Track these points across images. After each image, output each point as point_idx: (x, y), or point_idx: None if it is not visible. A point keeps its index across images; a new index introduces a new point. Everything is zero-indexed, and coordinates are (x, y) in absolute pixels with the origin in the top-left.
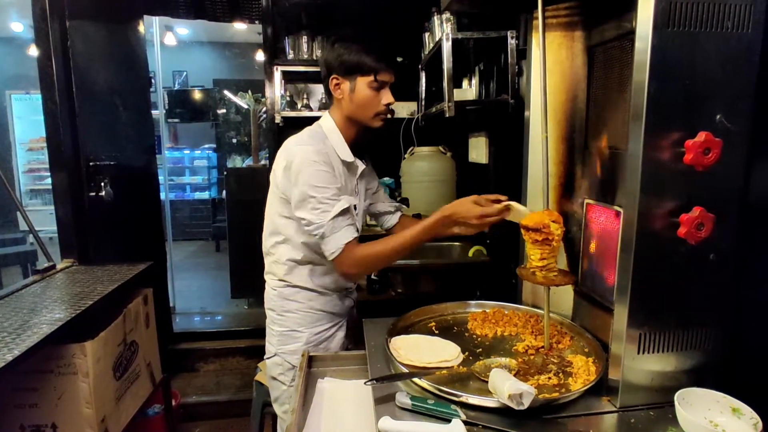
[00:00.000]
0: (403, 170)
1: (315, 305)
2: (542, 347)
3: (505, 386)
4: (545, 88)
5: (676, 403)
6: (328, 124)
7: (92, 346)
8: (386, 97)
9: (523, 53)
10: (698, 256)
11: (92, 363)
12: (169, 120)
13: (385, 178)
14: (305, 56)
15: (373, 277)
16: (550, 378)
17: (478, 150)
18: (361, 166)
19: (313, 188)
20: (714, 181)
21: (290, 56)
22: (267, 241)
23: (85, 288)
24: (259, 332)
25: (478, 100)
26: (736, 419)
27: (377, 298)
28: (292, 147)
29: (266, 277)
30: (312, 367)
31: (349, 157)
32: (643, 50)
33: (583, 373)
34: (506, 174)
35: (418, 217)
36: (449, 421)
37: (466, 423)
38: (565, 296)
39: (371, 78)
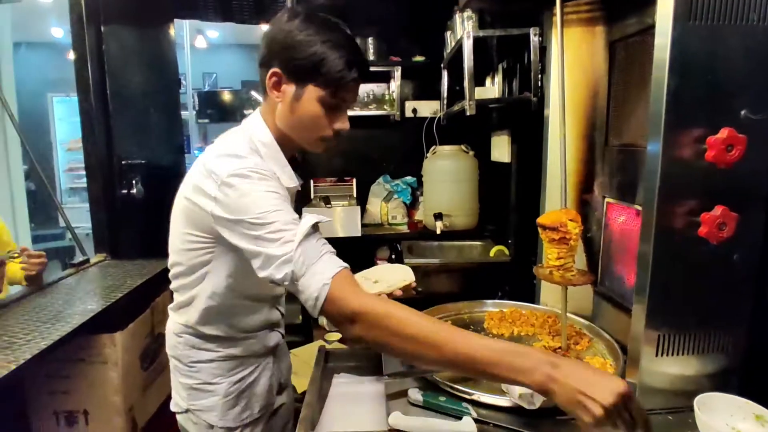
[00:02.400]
0: (425, 169)
1: (234, 352)
2: (559, 348)
3: (516, 386)
4: (563, 84)
5: (695, 408)
6: (261, 135)
7: (122, 337)
8: (341, 121)
9: (546, 50)
10: (720, 256)
11: (121, 353)
12: (199, 120)
13: (407, 177)
14: None
15: None
16: None
17: (501, 149)
18: (297, 187)
19: (262, 214)
20: (737, 179)
21: None
22: (174, 277)
23: (115, 281)
24: (288, 327)
25: (499, 99)
26: (759, 426)
27: (398, 297)
28: (217, 162)
29: (170, 312)
30: (329, 362)
31: (292, 181)
32: (663, 44)
33: None
34: (529, 173)
35: (439, 216)
36: (460, 418)
37: (477, 421)
38: (584, 297)
39: (328, 92)
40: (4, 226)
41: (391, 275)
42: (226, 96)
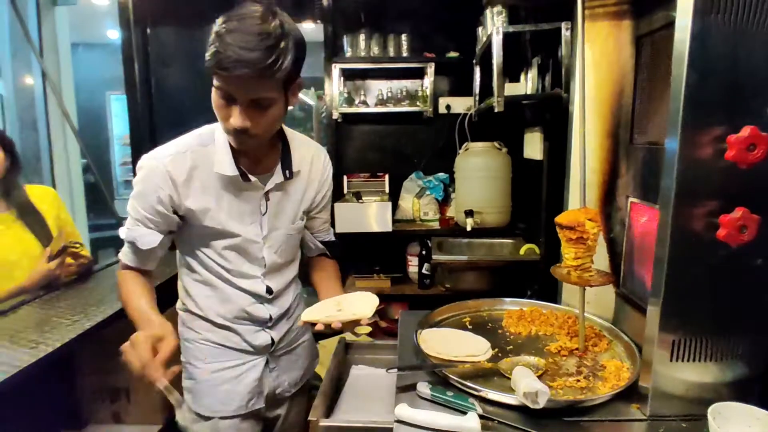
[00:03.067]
0: (457, 166)
1: (213, 338)
2: (576, 349)
3: (522, 384)
4: (583, 80)
5: (709, 417)
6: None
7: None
8: (232, 116)
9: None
10: (740, 260)
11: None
12: None
13: (440, 174)
14: (362, 54)
15: (424, 271)
16: (578, 381)
17: (533, 146)
18: (264, 183)
19: (131, 201)
20: (759, 180)
21: (348, 54)
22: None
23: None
24: None
25: (530, 95)
26: None
27: (426, 293)
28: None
29: None
30: (348, 353)
31: (228, 170)
32: (682, 39)
33: (614, 378)
34: (559, 171)
35: (470, 213)
36: (466, 413)
37: (482, 417)
38: (606, 298)
39: (216, 84)
40: (69, 217)
41: (353, 306)
42: None
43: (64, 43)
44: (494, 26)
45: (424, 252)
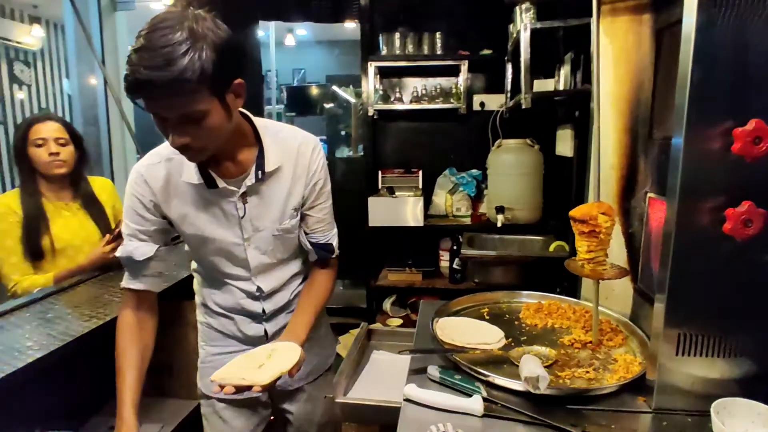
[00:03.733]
0: (490, 162)
1: (212, 322)
2: (590, 342)
3: (525, 369)
4: (598, 74)
5: (712, 412)
6: None
7: None
8: (171, 135)
9: None
10: (746, 254)
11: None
12: (287, 114)
13: (473, 170)
14: (398, 52)
15: (455, 266)
16: (587, 372)
17: (565, 143)
18: (238, 186)
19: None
20: (766, 174)
21: (383, 52)
22: None
23: None
24: (348, 311)
25: (559, 91)
26: None
27: (457, 287)
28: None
29: None
30: (371, 339)
31: (194, 178)
32: (687, 33)
33: (623, 371)
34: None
35: (501, 209)
36: (472, 396)
37: (486, 401)
38: (625, 294)
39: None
40: (123, 207)
41: (277, 361)
42: (312, 90)
43: (123, 45)
44: (522, 23)
45: (455, 247)
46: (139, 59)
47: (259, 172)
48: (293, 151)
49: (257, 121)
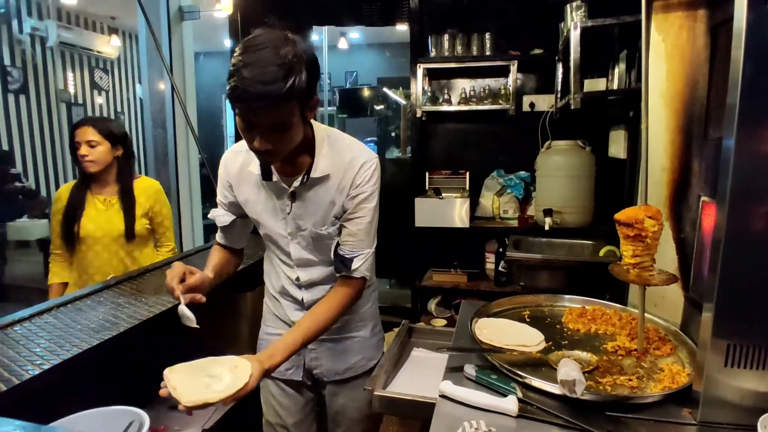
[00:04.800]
0: (538, 164)
1: (269, 304)
2: (635, 350)
3: (561, 372)
4: (647, 69)
5: (759, 426)
6: None
7: (251, 296)
8: (256, 140)
9: None
10: None
11: (250, 309)
12: (339, 115)
13: (521, 172)
14: (446, 53)
15: (500, 269)
16: (630, 380)
17: (618, 144)
18: (288, 185)
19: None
20: None
21: (432, 54)
22: None
23: (250, 250)
24: (394, 310)
25: (611, 91)
26: None
27: (502, 290)
28: None
29: None
30: (411, 337)
31: (255, 169)
32: (739, 29)
33: (668, 381)
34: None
35: (549, 212)
36: (507, 396)
37: (521, 401)
38: (675, 301)
39: (238, 111)
40: (167, 211)
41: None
42: (363, 92)
43: (188, 53)
44: (572, 21)
45: (501, 249)
46: (250, 73)
47: (305, 177)
48: (344, 163)
49: (319, 129)
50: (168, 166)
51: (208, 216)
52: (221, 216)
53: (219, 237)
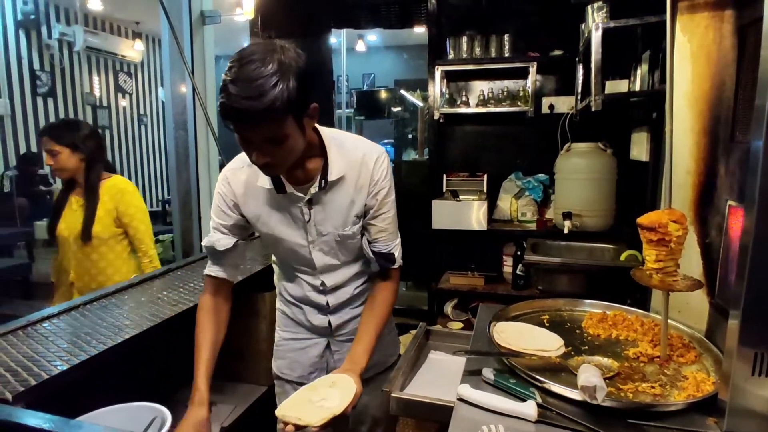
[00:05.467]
0: (558, 166)
1: (285, 310)
2: (658, 357)
3: (581, 377)
4: (671, 70)
5: None
6: None
7: (270, 296)
8: (254, 155)
9: None
10: None
11: (269, 309)
12: (356, 117)
13: (540, 175)
14: (464, 55)
15: (518, 272)
16: (653, 387)
17: (640, 146)
18: (304, 193)
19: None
20: None
21: (450, 56)
22: None
23: (264, 250)
24: (410, 312)
25: (633, 92)
26: None
27: (519, 293)
28: None
29: None
30: (429, 339)
31: (266, 183)
32: (767, 29)
33: (693, 389)
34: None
35: (568, 215)
36: (525, 401)
37: (541, 407)
38: (700, 308)
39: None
40: (135, 211)
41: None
42: (381, 94)
43: (209, 57)
44: (594, 22)
45: (519, 252)
46: (235, 90)
47: (323, 181)
48: (357, 162)
49: (324, 132)
50: (189, 168)
51: (202, 244)
52: (221, 240)
53: (214, 270)
